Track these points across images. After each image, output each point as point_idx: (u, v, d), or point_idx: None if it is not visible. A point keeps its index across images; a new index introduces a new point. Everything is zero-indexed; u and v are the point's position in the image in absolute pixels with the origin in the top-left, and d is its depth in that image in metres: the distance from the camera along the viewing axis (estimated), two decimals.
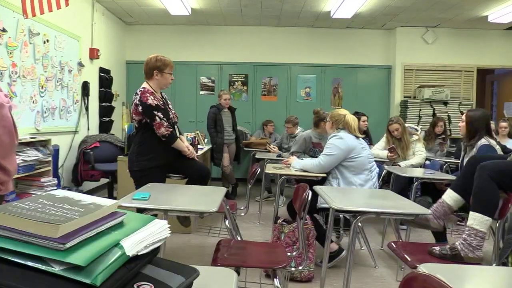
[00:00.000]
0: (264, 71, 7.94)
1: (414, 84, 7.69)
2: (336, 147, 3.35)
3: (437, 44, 7.74)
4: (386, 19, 7.30)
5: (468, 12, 6.74)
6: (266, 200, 5.90)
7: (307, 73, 7.95)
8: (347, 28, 7.90)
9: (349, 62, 7.93)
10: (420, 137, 4.84)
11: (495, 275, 1.32)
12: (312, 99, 7.91)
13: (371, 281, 3.19)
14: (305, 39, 7.97)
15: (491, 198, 2.20)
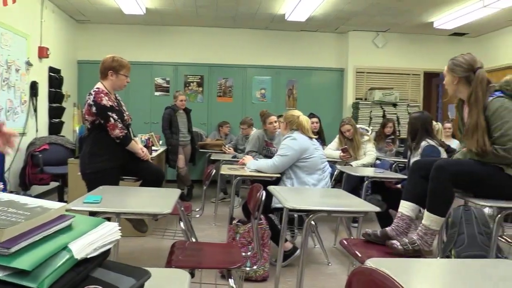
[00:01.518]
0: (219, 72, 7.94)
1: (365, 86, 7.95)
2: (290, 147, 3.41)
3: (387, 48, 8.04)
4: (339, 23, 7.50)
5: (415, 18, 7.06)
6: (222, 201, 5.90)
7: (262, 74, 8.02)
8: (301, 31, 8.05)
9: (304, 64, 8.08)
10: (370, 137, 5.01)
11: (439, 267, 1.40)
12: (267, 101, 8.00)
13: (324, 278, 3.27)
14: (260, 41, 8.05)
15: (449, 199, 2.24)
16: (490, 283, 1.18)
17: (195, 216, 3.66)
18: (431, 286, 1.16)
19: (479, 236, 3.35)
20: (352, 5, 6.42)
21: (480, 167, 2.28)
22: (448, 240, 3.46)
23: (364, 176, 3.80)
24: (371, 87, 7.86)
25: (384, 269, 0.98)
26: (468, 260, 1.45)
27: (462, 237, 3.39)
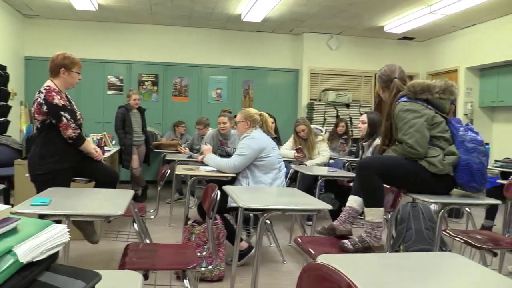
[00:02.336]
0: (175, 72, 7.85)
1: (320, 87, 8.12)
2: (249, 147, 3.43)
3: (341, 50, 8.25)
4: (294, 25, 7.61)
5: (367, 21, 7.28)
6: (177, 202, 5.84)
7: (218, 74, 8.01)
8: (257, 32, 8.11)
9: (260, 65, 8.14)
10: (324, 137, 5.13)
11: (386, 260, 1.46)
12: (223, 100, 7.99)
13: (279, 275, 3.31)
14: (216, 40, 8.03)
15: (379, 190, 2.39)
16: (431, 273, 1.24)
17: (150, 217, 3.60)
18: (377, 278, 1.21)
19: (426, 231, 3.52)
20: (306, 7, 6.54)
21: (400, 161, 2.48)
22: (397, 235, 3.61)
23: (318, 175, 3.89)
24: (325, 88, 8.04)
25: (333, 264, 1.01)
26: (413, 253, 1.53)
27: (410, 232, 3.54)
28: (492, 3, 5.99)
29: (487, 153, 2.40)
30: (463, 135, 2.38)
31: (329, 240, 2.60)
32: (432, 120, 2.46)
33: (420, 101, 2.51)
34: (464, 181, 2.36)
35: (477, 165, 2.33)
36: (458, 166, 2.36)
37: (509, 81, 6.92)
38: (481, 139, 2.39)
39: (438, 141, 2.44)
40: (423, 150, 2.41)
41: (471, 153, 2.33)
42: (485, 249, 2.52)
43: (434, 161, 2.38)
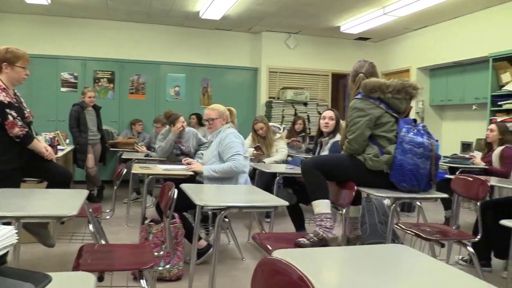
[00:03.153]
0: (132, 69, 7.70)
1: (278, 85, 8.21)
2: (239, 143, 3.41)
3: (298, 50, 8.37)
4: (252, 23, 7.65)
5: (324, 22, 7.43)
6: (134, 202, 5.74)
7: (176, 72, 7.92)
8: (216, 29, 8.08)
9: (218, 63, 8.12)
10: (282, 135, 5.19)
11: (339, 253, 1.51)
12: (181, 98, 7.92)
13: (238, 273, 3.33)
14: (175, 37, 7.94)
15: (320, 183, 2.51)
16: (382, 265, 1.30)
17: (106, 217, 3.52)
18: (329, 270, 1.26)
19: (379, 225, 3.65)
20: (264, 6, 6.59)
21: (339, 156, 2.69)
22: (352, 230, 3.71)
23: (276, 172, 3.93)
24: (283, 86, 8.13)
25: (288, 259, 1.04)
26: (365, 246, 1.59)
27: (365, 226, 3.66)
28: (442, 7, 6.26)
29: (428, 155, 2.49)
30: (403, 136, 2.48)
31: (287, 236, 2.64)
32: (378, 119, 2.56)
33: (372, 99, 2.59)
34: (396, 180, 2.48)
35: (410, 166, 2.43)
36: (393, 165, 2.47)
37: (457, 81, 7.27)
38: (421, 141, 2.47)
39: (380, 140, 2.55)
40: (359, 147, 2.57)
41: (406, 154, 2.44)
42: (434, 240, 2.64)
43: (366, 157, 2.54)
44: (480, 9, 6.45)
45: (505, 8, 6.10)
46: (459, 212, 3.31)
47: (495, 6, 6.23)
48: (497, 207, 3.27)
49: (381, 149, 2.54)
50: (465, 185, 3.03)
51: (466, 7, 6.40)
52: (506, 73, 6.01)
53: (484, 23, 6.45)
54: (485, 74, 6.33)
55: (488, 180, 2.92)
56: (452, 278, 1.21)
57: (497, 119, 5.99)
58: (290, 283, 0.92)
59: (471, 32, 6.68)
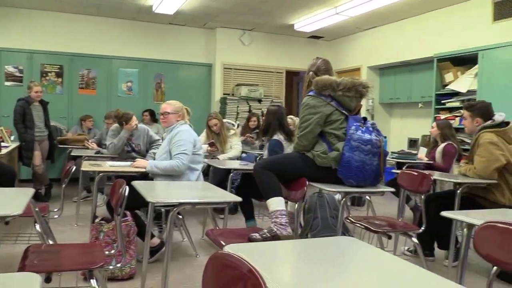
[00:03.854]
0: (82, 63, 7.44)
1: (233, 82, 8.22)
2: (188, 141, 3.34)
3: (253, 46, 8.40)
4: (207, 19, 7.60)
5: (278, 19, 7.50)
6: (85, 200, 5.57)
7: (129, 67, 7.74)
8: (170, 24, 7.96)
9: (172, 58, 8.02)
10: (236, 131, 5.21)
11: (290, 247, 1.54)
12: (134, 94, 7.76)
13: (192, 269, 3.32)
14: (127, 31, 7.75)
15: (272, 181, 2.57)
16: (330, 256, 1.34)
17: (54, 217, 3.40)
18: (279, 262, 1.28)
19: (331, 219, 3.74)
20: (219, 2, 6.56)
21: (288, 155, 2.82)
22: (304, 224, 3.79)
23: (230, 168, 3.94)
24: (238, 83, 8.15)
25: (239, 253, 1.06)
26: (315, 239, 1.64)
27: (316, 221, 3.74)
28: (390, 8, 6.50)
29: (376, 151, 2.59)
30: (352, 134, 2.57)
31: (241, 232, 2.67)
32: (329, 117, 2.64)
33: (324, 97, 2.66)
34: (343, 176, 2.57)
35: (357, 163, 2.53)
36: (340, 162, 2.55)
37: (405, 80, 7.58)
38: (369, 138, 2.56)
39: (330, 137, 2.64)
40: (308, 143, 2.65)
41: (354, 151, 2.53)
42: (381, 232, 2.75)
43: (315, 154, 2.62)
44: (426, 12, 6.76)
45: (449, 11, 6.43)
46: (404, 205, 3.46)
47: (439, 9, 6.55)
48: (440, 200, 3.45)
49: (330, 146, 2.62)
50: (410, 179, 3.17)
51: (412, 9, 6.68)
52: (449, 73, 6.33)
53: (429, 25, 6.76)
54: (430, 74, 6.64)
55: (431, 175, 3.08)
56: (397, 268, 1.26)
57: (440, 116, 6.30)
58: (240, 276, 0.94)
59: (417, 34, 6.97)
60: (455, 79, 6.24)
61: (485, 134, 3.31)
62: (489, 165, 3.20)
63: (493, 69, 5.61)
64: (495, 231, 1.58)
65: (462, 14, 6.21)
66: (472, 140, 3.48)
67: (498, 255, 1.55)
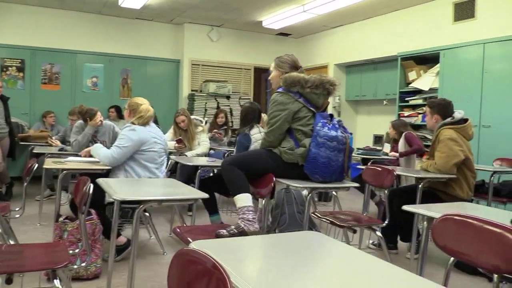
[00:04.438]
0: (44, 57, 7.22)
1: (201, 78, 8.17)
2: (129, 138, 3.30)
3: (221, 43, 8.38)
4: (174, 14, 7.51)
5: (246, 16, 7.50)
6: (48, 199, 5.42)
7: (94, 62, 7.57)
8: (136, 19, 7.83)
9: (139, 54, 7.89)
10: (204, 128, 5.19)
11: (256, 242, 1.55)
12: (99, 90, 7.59)
13: (159, 267, 3.29)
14: (92, 26, 7.56)
15: (239, 178, 2.59)
16: (295, 250, 1.37)
17: (15, 216, 3.29)
18: (244, 256, 1.30)
19: (298, 214, 3.80)
20: None
21: (255, 151, 2.86)
22: (272, 220, 3.84)
23: (198, 165, 3.93)
24: (206, 79, 8.11)
25: (205, 249, 1.06)
26: (280, 234, 1.66)
27: (284, 217, 3.79)
28: (356, 7, 6.62)
29: (341, 148, 2.64)
30: (318, 130, 2.61)
31: (208, 228, 2.67)
32: (296, 113, 2.67)
33: (292, 93, 2.69)
34: (309, 171, 2.61)
35: (323, 159, 2.58)
36: (307, 158, 2.59)
37: (370, 78, 7.74)
38: (335, 135, 2.60)
39: (297, 133, 2.67)
40: (275, 139, 2.69)
41: (320, 147, 2.58)
42: (346, 227, 2.82)
43: (282, 150, 2.66)
44: (390, 12, 6.92)
45: (412, 11, 6.60)
46: (369, 200, 3.55)
47: (403, 9, 6.72)
48: (403, 195, 3.56)
49: (297, 142, 2.65)
50: (375, 174, 3.26)
51: (378, 9, 6.83)
52: (412, 72, 6.51)
53: (393, 25, 6.93)
54: (394, 72, 6.81)
55: (394, 170, 3.17)
56: (361, 261, 1.29)
57: (404, 113, 6.48)
58: (204, 271, 0.95)
59: (382, 33, 7.13)
60: (418, 77, 6.43)
61: (445, 131, 3.43)
62: (448, 160, 3.32)
63: (453, 68, 5.82)
64: (452, 224, 1.65)
65: (424, 15, 6.40)
66: (433, 137, 3.60)
67: (455, 246, 1.62)
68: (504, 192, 4.15)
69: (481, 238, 1.54)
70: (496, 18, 5.40)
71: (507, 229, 1.49)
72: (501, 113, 5.19)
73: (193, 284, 0.99)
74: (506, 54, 5.16)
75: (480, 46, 5.44)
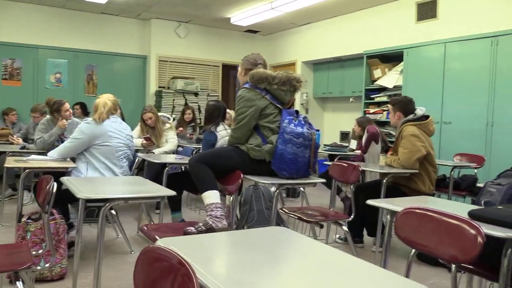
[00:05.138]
0: (5, 52, 6.96)
1: (168, 75, 8.08)
2: (81, 131, 3.27)
3: (189, 39, 8.31)
4: (141, 9, 7.39)
5: (214, 12, 7.47)
6: (10, 199, 5.24)
7: (57, 57, 7.36)
8: (102, 14, 7.66)
9: (105, 49, 7.73)
10: (172, 125, 5.14)
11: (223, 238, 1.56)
12: (63, 86, 7.40)
13: (127, 267, 3.25)
14: (55, 20, 7.34)
15: (206, 175, 2.59)
16: (261, 246, 1.38)
17: None
18: (210, 252, 1.30)
19: (266, 210, 3.84)
20: None
21: (222, 148, 2.88)
22: (241, 216, 3.85)
23: (166, 162, 3.89)
24: (173, 76, 8.02)
25: (171, 246, 1.06)
26: (248, 230, 1.67)
27: (252, 213, 3.82)
28: (324, 5, 6.70)
29: (308, 144, 2.68)
30: (285, 127, 2.64)
31: (176, 226, 2.65)
32: (263, 110, 2.69)
33: (259, 90, 2.71)
34: (276, 168, 2.65)
35: (290, 156, 2.61)
36: (274, 155, 2.62)
37: (337, 75, 7.87)
38: (301, 132, 2.64)
39: (264, 130, 2.70)
40: (242, 135, 2.70)
41: (286, 144, 2.61)
42: (313, 222, 2.86)
43: (249, 147, 2.68)
44: (356, 10, 7.05)
45: (377, 10, 6.75)
46: (335, 195, 3.62)
47: (368, 8, 6.85)
48: (368, 190, 3.64)
49: (264, 139, 2.67)
50: (341, 170, 3.32)
51: (344, 7, 6.94)
52: (377, 69, 6.66)
53: (359, 23, 7.06)
54: (360, 70, 6.95)
55: (359, 166, 3.24)
56: (328, 255, 1.32)
57: (370, 110, 6.63)
58: (170, 268, 0.95)
59: (349, 31, 7.26)
60: (383, 75, 6.58)
61: (407, 127, 3.54)
62: (411, 156, 3.43)
63: (416, 66, 5.99)
64: (413, 216, 1.71)
65: (389, 14, 6.55)
66: (397, 133, 3.71)
67: (416, 238, 1.69)
68: (464, 185, 4.32)
69: (440, 230, 1.61)
70: (457, 18, 5.59)
71: (464, 221, 1.56)
72: (461, 110, 5.39)
73: (159, 281, 0.99)
74: (465, 54, 5.36)
75: (442, 45, 5.63)
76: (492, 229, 1.64)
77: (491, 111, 5.07)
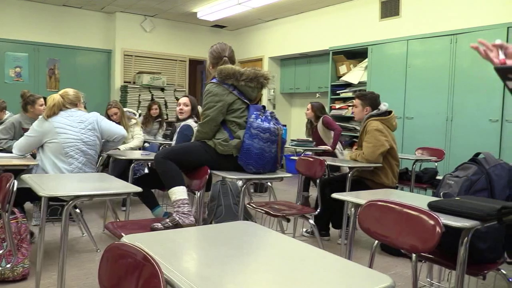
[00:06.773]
0: None
1: (134, 70, 7.94)
2: (33, 129, 3.22)
3: (155, 33, 8.19)
4: (105, 2, 7.22)
5: (181, 6, 7.38)
6: None
7: (17, 50, 7.10)
8: (64, 6, 7.43)
9: (67, 43, 7.51)
10: (138, 121, 5.06)
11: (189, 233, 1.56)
12: (23, 80, 7.14)
13: (92, 265, 3.20)
14: (15, 12, 7.07)
15: (173, 171, 2.59)
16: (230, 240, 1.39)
17: None
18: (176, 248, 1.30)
19: (234, 206, 3.85)
20: None
21: (189, 144, 2.90)
22: (209, 212, 3.85)
23: (132, 159, 3.84)
24: (139, 70, 7.89)
25: (136, 243, 1.06)
26: (214, 225, 1.68)
27: (220, 208, 3.82)
28: (290, 1, 6.75)
29: (274, 139, 2.70)
30: (252, 122, 2.66)
31: (143, 222, 2.62)
32: (231, 105, 2.70)
33: (226, 85, 2.71)
34: (243, 162, 2.67)
35: (257, 150, 2.63)
36: (241, 149, 2.64)
37: (304, 71, 7.95)
38: (268, 127, 2.66)
39: (231, 125, 2.71)
40: (209, 130, 2.70)
41: (253, 139, 2.63)
42: (280, 216, 2.90)
43: (216, 142, 2.68)
44: (322, 7, 7.13)
45: (342, 7, 6.86)
46: (302, 189, 3.67)
47: (334, 5, 6.95)
48: (334, 184, 3.71)
49: (231, 134, 2.68)
50: (307, 165, 3.37)
51: (310, 4, 7.01)
52: (343, 65, 6.77)
53: (325, 20, 7.15)
54: (326, 66, 7.05)
55: (325, 160, 3.30)
56: (295, 248, 1.33)
57: (335, 106, 6.74)
58: (135, 264, 0.95)
59: (315, 27, 7.34)
60: (348, 71, 6.70)
61: (372, 122, 3.63)
62: (375, 150, 3.52)
63: (380, 62, 6.13)
64: (375, 209, 1.76)
65: (354, 11, 6.67)
66: (361, 128, 3.79)
67: (378, 229, 1.74)
68: (425, 178, 4.47)
69: (401, 221, 1.67)
70: (418, 17, 5.76)
71: (424, 212, 1.62)
72: (422, 105, 5.57)
73: (124, 278, 0.99)
74: (426, 51, 5.53)
75: (404, 42, 5.78)
76: (450, 219, 1.71)
77: (450, 106, 5.26)
